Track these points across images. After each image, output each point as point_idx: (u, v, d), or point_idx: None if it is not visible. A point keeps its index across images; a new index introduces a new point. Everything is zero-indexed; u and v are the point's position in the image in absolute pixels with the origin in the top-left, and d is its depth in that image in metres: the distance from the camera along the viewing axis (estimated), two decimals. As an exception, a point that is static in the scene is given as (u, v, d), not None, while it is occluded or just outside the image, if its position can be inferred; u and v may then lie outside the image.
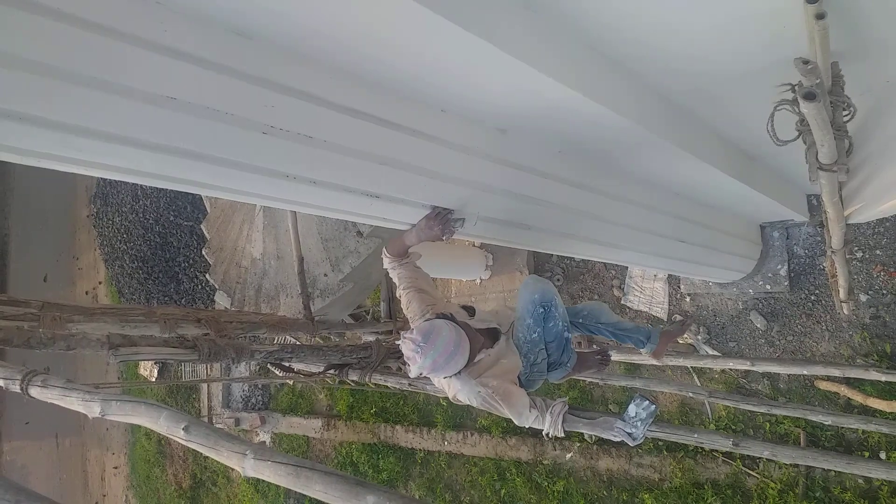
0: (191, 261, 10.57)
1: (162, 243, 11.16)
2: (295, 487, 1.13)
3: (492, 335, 2.79)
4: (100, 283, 13.35)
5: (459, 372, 2.53)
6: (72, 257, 14.31)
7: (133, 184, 11.77)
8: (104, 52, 1.49)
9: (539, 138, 2.73)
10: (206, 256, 6.02)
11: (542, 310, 2.76)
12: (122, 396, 1.48)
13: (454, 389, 2.62)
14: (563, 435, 2.43)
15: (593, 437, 6.29)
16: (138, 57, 1.54)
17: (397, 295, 2.85)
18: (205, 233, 6.12)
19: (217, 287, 5.60)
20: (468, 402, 2.62)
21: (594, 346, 4.67)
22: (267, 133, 1.83)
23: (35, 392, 1.70)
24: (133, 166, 1.77)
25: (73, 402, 1.58)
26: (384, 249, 2.80)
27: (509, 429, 6.95)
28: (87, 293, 13.56)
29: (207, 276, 5.91)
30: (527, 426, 2.59)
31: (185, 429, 1.30)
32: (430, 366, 2.40)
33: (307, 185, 2.07)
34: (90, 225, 13.63)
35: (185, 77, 1.63)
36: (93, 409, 1.51)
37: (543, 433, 2.49)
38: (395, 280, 2.83)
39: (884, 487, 4.63)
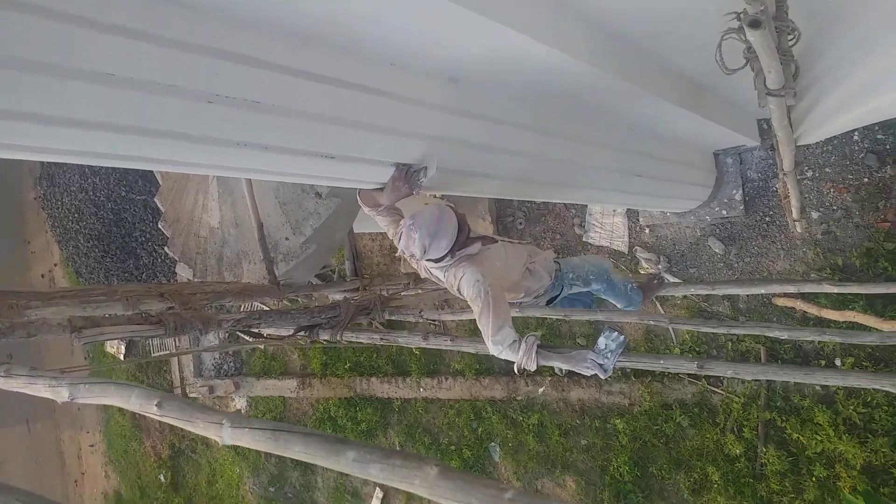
0: (147, 235, 10.34)
1: (116, 220, 10.87)
2: (275, 451, 1.14)
3: (487, 241, 3.02)
4: (55, 265, 12.99)
5: (457, 256, 2.77)
6: (23, 241, 13.85)
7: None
8: (35, 33, 1.42)
9: (492, 86, 2.71)
10: (162, 229, 5.88)
11: (610, 279, 3.51)
12: (90, 379, 1.46)
13: (458, 277, 2.79)
14: (534, 368, 2.47)
15: (563, 371, 6.46)
16: (71, 35, 1.47)
17: (391, 236, 2.92)
18: (159, 206, 5.96)
19: (177, 259, 5.50)
20: (466, 293, 2.75)
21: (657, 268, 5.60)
22: (213, 102, 1.77)
23: None
24: (79, 148, 1.71)
25: (40, 389, 1.56)
26: (357, 198, 2.85)
27: (482, 369, 7.10)
28: (42, 276, 13.20)
29: (166, 248, 5.78)
30: (500, 349, 2.59)
31: (158, 405, 1.30)
32: (427, 233, 2.62)
33: (260, 151, 2.03)
34: (38, 207, 13.17)
35: (122, 52, 1.57)
36: (61, 395, 1.49)
37: (515, 366, 2.53)
38: (381, 225, 3.01)
39: (839, 392, 4.89)
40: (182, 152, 1.94)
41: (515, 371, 2.53)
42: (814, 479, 5.00)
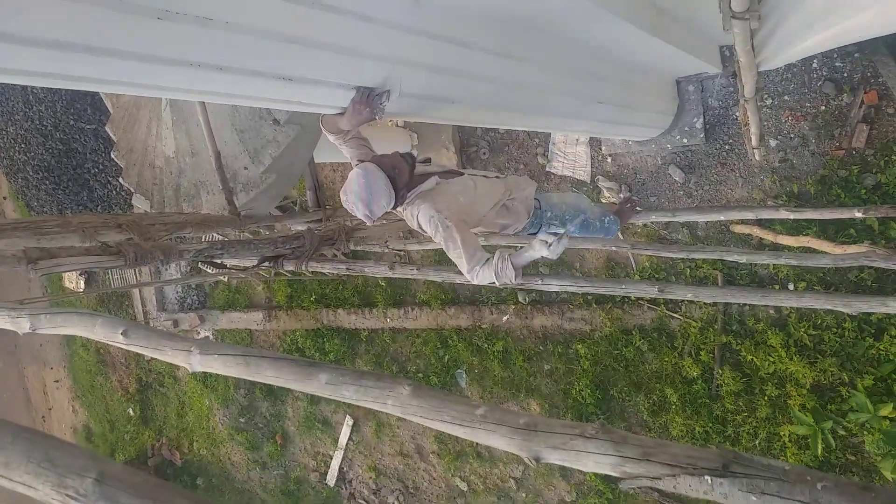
0: (100, 166, 9.99)
1: (66, 150, 10.44)
2: (246, 376, 1.14)
3: (449, 174, 3.03)
4: (4, 198, 12.55)
5: (410, 196, 2.78)
6: (-33, 174, 13.29)
7: (24, 89, 10.82)
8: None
9: (456, 7, 2.62)
10: (115, 160, 5.67)
11: (585, 217, 3.46)
12: (51, 309, 1.43)
13: (415, 215, 2.79)
14: (514, 276, 2.51)
15: (527, 299, 6.58)
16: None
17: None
18: (111, 135, 5.73)
19: (133, 191, 5.35)
20: (427, 230, 2.76)
21: (622, 196, 5.70)
22: (163, 18, 1.67)
23: (-45, 315, 1.62)
24: (21, 66, 1.61)
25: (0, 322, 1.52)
26: (321, 124, 2.79)
27: (448, 300, 7.19)
28: (-9, 210, 12.77)
29: (121, 180, 5.60)
30: (477, 272, 2.61)
31: (124, 333, 1.27)
32: (362, 203, 2.63)
33: (213, 72, 1.94)
34: (-19, 139, 12.59)
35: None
36: (22, 326, 1.46)
37: (499, 282, 2.56)
38: (346, 156, 2.94)
39: (792, 315, 5.10)
40: (131, 72, 1.84)
41: (499, 286, 2.58)
42: (766, 398, 5.26)
